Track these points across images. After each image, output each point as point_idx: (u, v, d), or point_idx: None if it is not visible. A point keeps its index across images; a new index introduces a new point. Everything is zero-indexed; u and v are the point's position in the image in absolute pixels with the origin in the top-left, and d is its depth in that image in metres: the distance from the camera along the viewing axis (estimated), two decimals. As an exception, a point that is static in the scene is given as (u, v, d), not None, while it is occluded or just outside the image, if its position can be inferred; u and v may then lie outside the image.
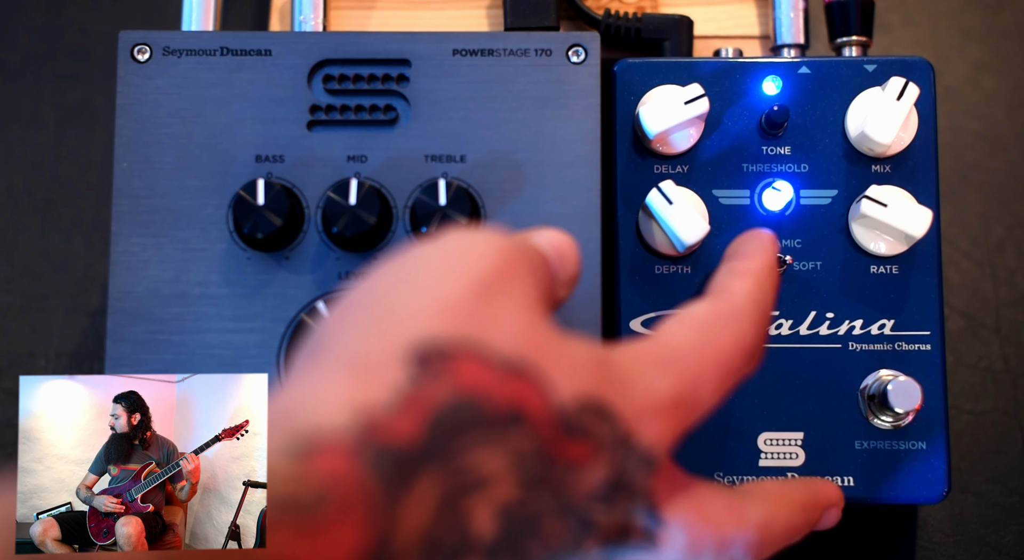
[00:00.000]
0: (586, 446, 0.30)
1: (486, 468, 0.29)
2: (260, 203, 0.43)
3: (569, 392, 0.30)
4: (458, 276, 0.31)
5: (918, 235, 0.44)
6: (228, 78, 0.45)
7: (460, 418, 0.28)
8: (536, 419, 0.30)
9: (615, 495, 0.31)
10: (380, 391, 0.28)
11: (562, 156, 0.45)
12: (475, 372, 0.29)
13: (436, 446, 0.28)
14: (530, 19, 0.49)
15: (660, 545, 0.33)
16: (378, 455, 0.27)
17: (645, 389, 0.32)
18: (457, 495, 0.28)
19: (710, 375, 0.33)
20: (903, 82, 0.45)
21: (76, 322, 0.55)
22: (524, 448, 0.29)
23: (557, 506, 0.30)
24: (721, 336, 0.34)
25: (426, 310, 0.30)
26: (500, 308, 0.31)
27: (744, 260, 0.38)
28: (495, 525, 0.29)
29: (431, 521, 0.28)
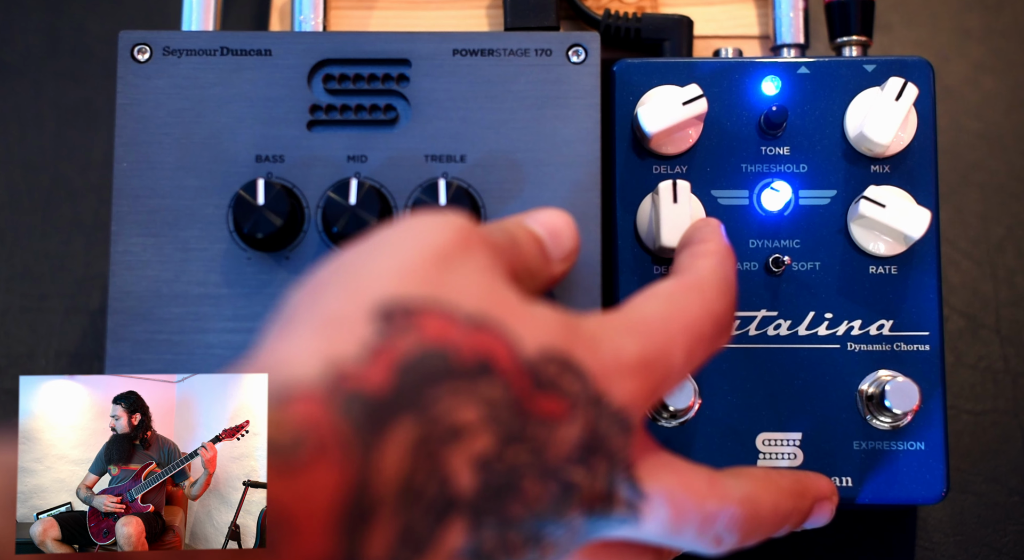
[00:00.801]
0: (558, 401, 0.31)
1: (460, 418, 0.29)
2: (260, 203, 0.43)
3: (534, 344, 0.31)
4: (418, 247, 0.32)
5: (916, 235, 0.44)
6: (228, 78, 0.45)
7: (428, 367, 0.29)
8: (504, 370, 0.30)
9: (592, 458, 0.32)
10: (348, 345, 0.29)
11: (562, 156, 0.45)
12: (439, 326, 0.30)
13: (406, 394, 0.29)
14: (530, 19, 0.49)
15: (642, 517, 0.33)
16: (349, 401, 0.28)
17: (612, 349, 0.33)
18: (433, 443, 0.29)
19: (679, 340, 0.34)
20: (902, 82, 0.45)
21: (76, 322, 0.55)
22: (496, 398, 0.30)
23: (536, 465, 0.30)
24: (688, 304, 0.35)
25: (388, 274, 0.31)
26: (459, 273, 0.32)
27: (702, 243, 0.39)
28: (475, 478, 0.29)
29: (408, 468, 0.28)
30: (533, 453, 0.30)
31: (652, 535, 0.34)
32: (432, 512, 0.29)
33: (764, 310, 0.46)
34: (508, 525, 0.30)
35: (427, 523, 0.29)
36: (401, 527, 0.29)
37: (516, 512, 0.30)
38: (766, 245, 0.46)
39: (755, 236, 0.46)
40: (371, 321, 0.30)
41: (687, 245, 0.39)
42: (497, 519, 0.30)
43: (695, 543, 0.35)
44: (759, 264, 0.46)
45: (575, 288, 0.44)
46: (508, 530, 0.30)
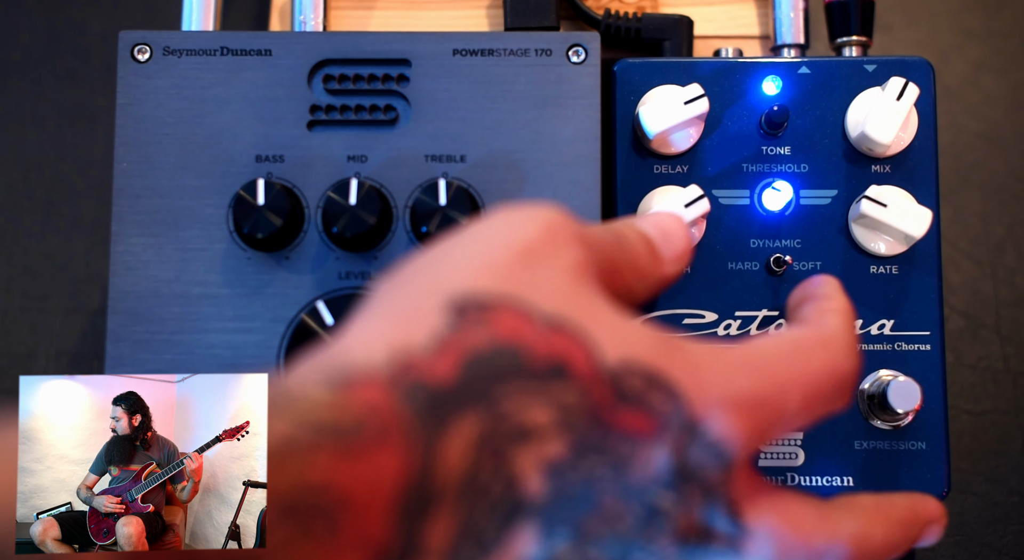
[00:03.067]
0: (644, 419, 0.30)
1: (530, 418, 0.29)
2: (260, 203, 0.43)
3: (616, 354, 0.30)
4: (503, 242, 0.32)
5: (918, 235, 0.44)
6: (228, 78, 0.45)
7: (498, 364, 0.29)
8: (581, 375, 0.30)
9: (684, 486, 0.30)
10: (418, 335, 0.29)
11: (562, 156, 0.45)
12: (514, 323, 0.30)
13: (472, 388, 0.29)
14: (530, 19, 0.49)
15: (744, 553, 0.32)
16: (413, 390, 0.28)
17: (720, 380, 0.31)
18: (499, 441, 0.28)
19: (796, 390, 0.32)
20: (903, 82, 0.45)
21: (76, 322, 0.55)
22: (570, 403, 0.29)
23: (616, 481, 0.30)
24: (813, 357, 0.33)
25: (467, 269, 0.31)
26: (542, 272, 0.31)
27: (828, 299, 0.37)
28: (544, 483, 0.29)
29: (473, 463, 0.28)
30: (613, 468, 0.30)
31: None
32: (498, 512, 0.29)
33: (765, 310, 0.46)
34: (587, 540, 0.30)
35: (493, 523, 0.29)
36: (463, 522, 0.28)
37: (595, 528, 0.30)
38: (767, 245, 0.46)
39: (756, 236, 0.46)
40: (443, 313, 0.30)
41: (810, 299, 0.38)
42: (572, 531, 0.29)
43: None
44: (760, 264, 0.46)
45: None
46: (588, 545, 0.30)
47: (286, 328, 0.44)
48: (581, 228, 0.33)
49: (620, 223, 0.36)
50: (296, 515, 0.26)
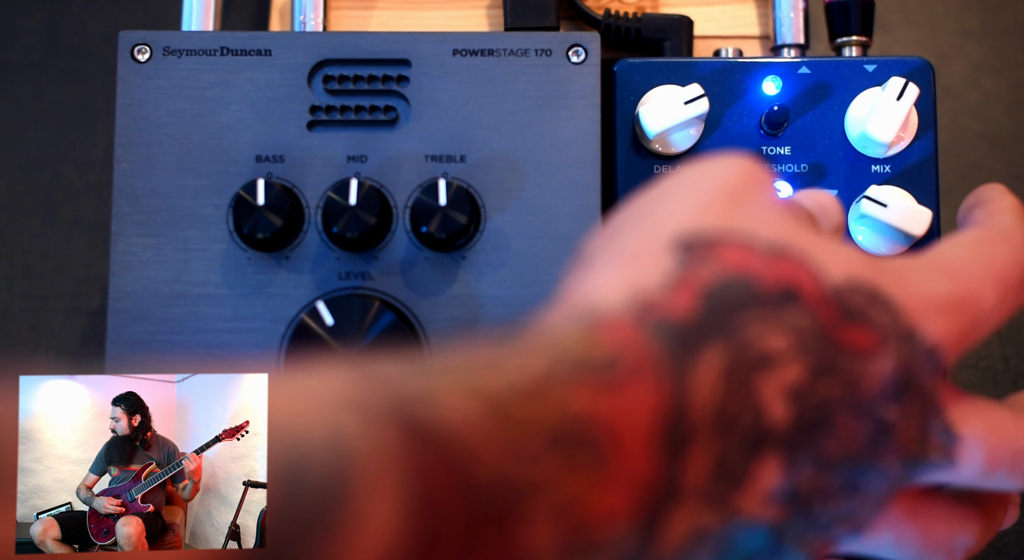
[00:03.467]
0: (868, 334, 0.31)
1: (769, 345, 0.29)
2: (260, 203, 0.43)
3: (839, 273, 0.31)
4: (709, 185, 0.33)
5: (918, 234, 0.44)
6: (228, 78, 0.45)
7: (732, 295, 0.30)
8: (810, 298, 0.30)
9: (906, 396, 0.31)
10: (652, 275, 0.30)
11: (562, 156, 0.45)
12: (740, 254, 0.30)
13: (713, 320, 0.29)
14: (530, 19, 0.49)
15: (958, 462, 0.32)
16: (658, 327, 0.29)
17: (923, 286, 0.32)
18: (744, 370, 0.29)
19: (989, 285, 0.33)
20: (903, 82, 0.45)
21: (76, 322, 0.55)
22: (804, 326, 0.30)
23: (849, 400, 0.30)
24: (996, 251, 0.34)
25: (684, 211, 0.32)
26: (754, 207, 0.32)
27: (995, 201, 0.38)
28: (788, 410, 0.29)
29: (722, 395, 0.28)
30: (845, 386, 0.30)
31: (964, 479, 0.33)
32: (747, 444, 0.29)
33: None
34: (824, 467, 0.30)
35: (741, 455, 0.29)
36: (717, 456, 0.28)
37: (831, 451, 0.30)
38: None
39: (755, 236, 0.46)
40: (672, 252, 0.30)
41: (978, 204, 0.39)
42: (812, 457, 0.30)
43: (1006, 482, 0.34)
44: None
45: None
46: (824, 473, 0.30)
47: (286, 328, 0.44)
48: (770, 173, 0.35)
49: None
50: (563, 445, 0.27)
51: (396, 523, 0.24)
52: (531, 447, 0.26)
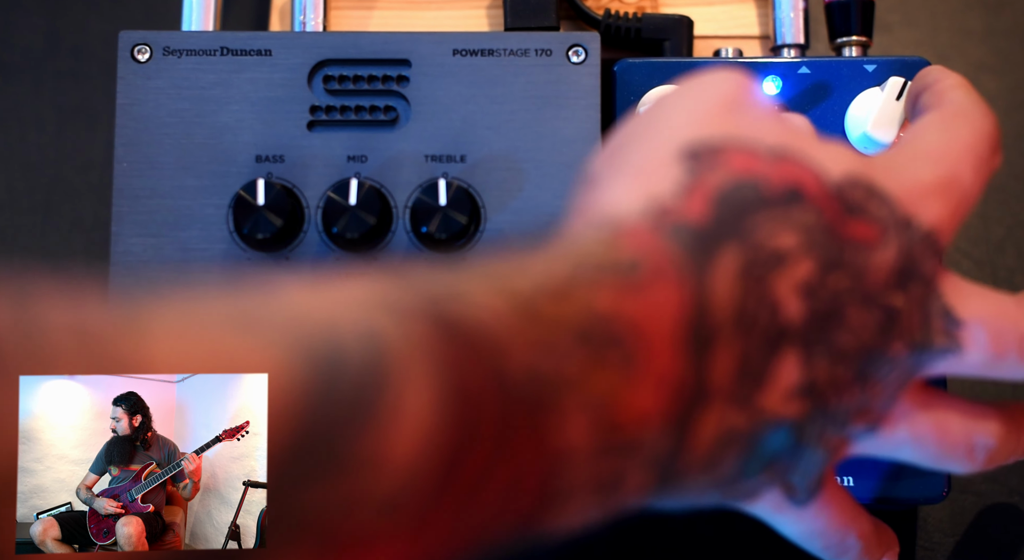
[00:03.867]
0: (869, 226, 0.32)
1: (781, 243, 0.30)
2: (260, 203, 0.43)
3: (839, 171, 0.32)
4: (705, 98, 0.34)
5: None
6: (228, 78, 0.45)
7: (742, 197, 0.31)
8: (814, 195, 0.31)
9: (909, 283, 0.32)
10: (664, 184, 0.31)
11: (562, 156, 0.45)
12: (745, 159, 0.32)
13: (726, 222, 0.30)
14: (530, 19, 0.49)
15: (963, 347, 0.33)
16: (676, 230, 0.30)
17: (911, 175, 0.34)
18: (759, 268, 0.30)
19: (965, 162, 0.35)
20: (902, 82, 0.45)
21: (76, 322, 0.55)
22: (811, 224, 0.31)
23: (856, 291, 0.31)
24: (960, 130, 0.36)
25: (685, 122, 0.33)
26: (750, 115, 0.34)
27: (939, 81, 0.39)
28: (802, 306, 0.30)
29: (740, 293, 0.29)
30: (853, 278, 0.31)
31: (974, 367, 0.34)
32: (767, 341, 0.30)
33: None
34: (837, 358, 0.31)
35: (763, 353, 0.30)
36: (740, 356, 0.29)
37: (844, 342, 0.31)
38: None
39: (755, 236, 0.46)
40: (680, 162, 0.32)
41: (924, 88, 0.40)
42: (826, 350, 0.31)
43: (1016, 370, 0.34)
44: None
45: None
46: (838, 364, 0.31)
47: (286, 328, 0.44)
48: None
49: None
50: (590, 342, 0.27)
51: (432, 410, 0.25)
52: (560, 343, 0.27)
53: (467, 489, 0.26)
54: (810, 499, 0.33)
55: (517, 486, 0.27)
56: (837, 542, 0.35)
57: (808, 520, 0.34)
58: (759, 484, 0.32)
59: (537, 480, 0.27)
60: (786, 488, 0.33)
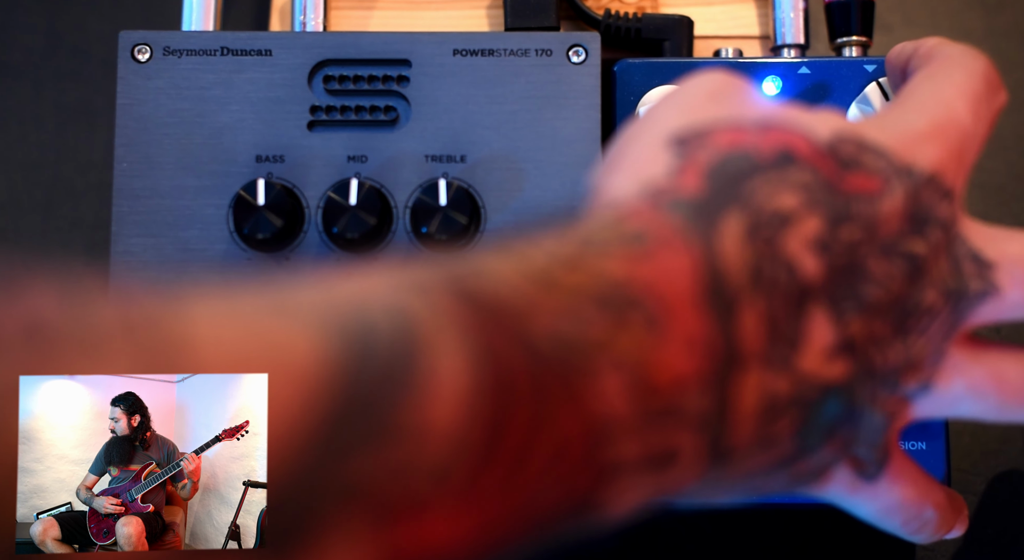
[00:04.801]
0: (869, 178, 0.32)
1: (782, 204, 0.31)
2: (260, 203, 0.43)
3: (826, 130, 0.33)
4: (692, 92, 0.35)
5: None
6: (228, 78, 0.45)
7: (734, 167, 0.31)
8: (806, 155, 0.32)
9: (925, 228, 0.32)
10: (655, 168, 0.32)
11: (562, 156, 0.45)
12: (731, 134, 0.33)
13: (723, 191, 0.31)
14: (530, 19, 0.49)
15: (1001, 288, 0.33)
16: (675, 205, 0.31)
17: (901, 125, 0.34)
18: (765, 229, 0.30)
19: (959, 103, 0.35)
20: (875, 86, 0.45)
21: (76, 322, 0.55)
22: (808, 182, 0.31)
23: (873, 242, 0.31)
24: (950, 75, 0.36)
25: (674, 115, 0.34)
26: (734, 100, 0.35)
27: (922, 44, 0.39)
28: (818, 261, 0.30)
29: (752, 256, 0.30)
30: (866, 229, 0.31)
31: (1018, 306, 0.33)
32: (790, 301, 0.30)
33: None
34: (871, 312, 0.31)
35: (788, 313, 0.30)
36: (766, 317, 0.30)
37: (873, 294, 0.31)
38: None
39: (755, 236, 0.46)
40: (669, 148, 0.33)
41: (910, 56, 0.40)
42: (856, 304, 0.31)
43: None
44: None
45: None
46: (873, 319, 0.31)
47: (286, 328, 0.44)
48: None
49: None
50: (610, 306, 0.28)
51: (466, 374, 0.26)
52: (580, 309, 0.28)
53: (513, 455, 0.26)
54: (880, 471, 0.33)
55: (563, 454, 0.27)
56: (915, 515, 0.35)
57: (883, 496, 0.34)
58: (825, 461, 0.32)
59: (583, 448, 0.27)
60: (854, 463, 0.33)
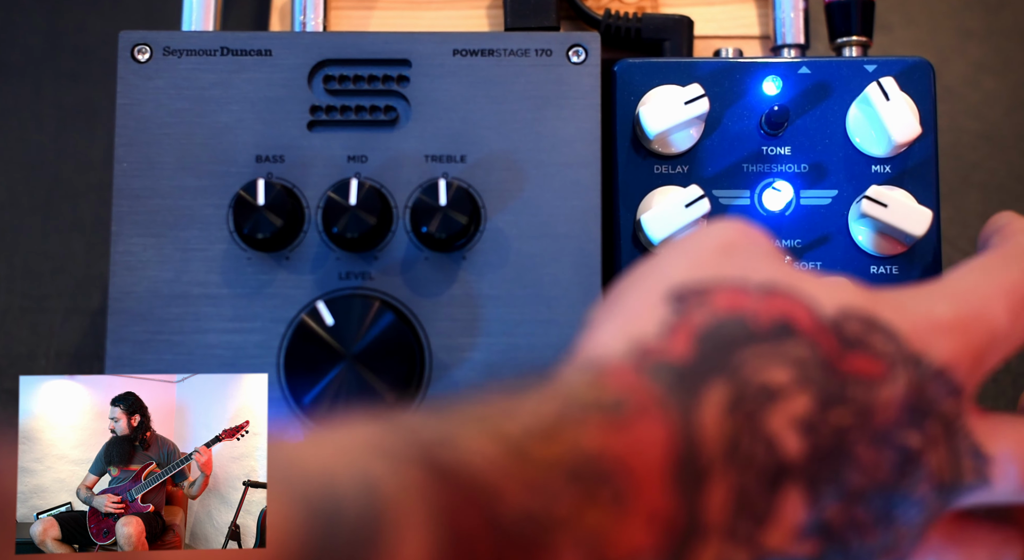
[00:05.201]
0: (872, 361, 0.31)
1: (772, 378, 0.30)
2: (260, 203, 0.43)
3: (832, 303, 0.31)
4: (703, 243, 0.34)
5: (918, 234, 0.44)
6: (228, 78, 0.45)
7: (728, 334, 0.30)
8: (806, 329, 0.31)
9: (925, 422, 0.31)
10: (648, 325, 0.31)
11: (562, 156, 0.45)
12: (732, 297, 0.31)
13: (711, 359, 0.30)
14: (530, 19, 0.49)
15: (993, 482, 0.33)
16: (656, 369, 0.30)
17: (923, 311, 0.32)
18: (749, 404, 0.29)
19: (998, 302, 0.33)
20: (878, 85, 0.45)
21: (76, 322, 0.55)
22: (804, 358, 0.30)
23: (864, 428, 0.30)
24: (1006, 269, 0.34)
25: (678, 267, 0.33)
26: (744, 257, 0.33)
27: (1011, 225, 0.38)
28: (801, 442, 0.29)
29: (731, 429, 0.29)
30: (858, 415, 0.30)
31: (1001, 496, 0.33)
32: (765, 477, 0.29)
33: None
34: (852, 498, 0.30)
35: (761, 490, 0.29)
36: (736, 491, 0.29)
37: (856, 482, 0.30)
38: (766, 245, 0.46)
39: (755, 236, 0.46)
40: (666, 304, 0.32)
41: (995, 231, 0.39)
42: (837, 489, 0.30)
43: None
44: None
45: (575, 288, 0.44)
46: (854, 504, 0.30)
47: (286, 328, 0.44)
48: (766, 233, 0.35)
49: None
50: (580, 480, 0.27)
51: (429, 556, 0.25)
52: (551, 484, 0.27)
53: None
54: None
55: None
56: None
57: None
58: None
59: None
60: None
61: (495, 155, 0.45)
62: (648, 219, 0.44)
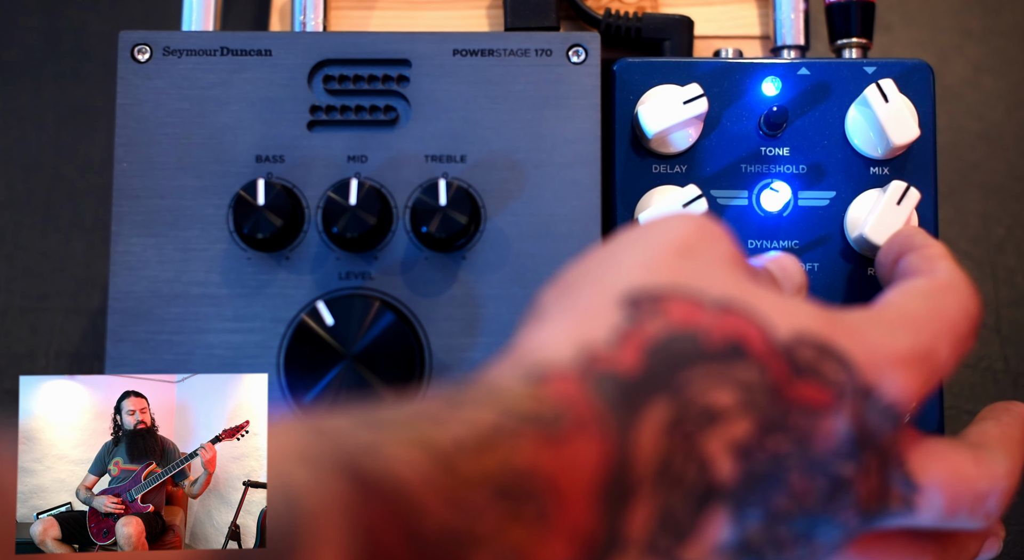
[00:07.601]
0: (821, 390, 0.31)
1: (715, 400, 0.29)
2: (260, 203, 0.43)
3: (787, 328, 0.31)
4: (661, 241, 0.33)
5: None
6: (228, 78, 0.45)
7: (678, 349, 0.30)
8: (758, 353, 0.30)
9: (863, 453, 0.31)
10: (599, 331, 0.30)
11: (562, 156, 0.45)
12: (686, 310, 0.31)
13: (658, 375, 0.29)
14: (530, 19, 0.49)
15: (917, 510, 0.32)
16: (602, 381, 0.29)
17: (882, 341, 0.32)
18: (688, 425, 0.29)
19: (945, 338, 0.33)
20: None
21: (76, 322, 0.55)
22: (752, 382, 0.30)
23: (801, 457, 0.30)
24: (948, 303, 0.34)
25: (633, 268, 0.32)
26: (702, 262, 0.32)
27: (926, 247, 0.38)
28: (735, 466, 0.29)
29: (666, 449, 0.29)
30: (796, 443, 0.30)
31: (924, 522, 0.33)
32: (692, 498, 0.29)
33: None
34: (776, 520, 0.30)
35: (687, 509, 0.29)
36: (661, 510, 0.29)
37: (784, 506, 0.30)
38: (765, 246, 0.46)
39: (754, 236, 0.46)
40: (619, 308, 0.31)
41: (909, 249, 0.39)
42: (763, 512, 0.30)
43: (966, 523, 0.34)
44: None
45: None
46: (777, 525, 0.30)
47: (286, 328, 0.44)
48: (724, 228, 0.34)
49: None
50: (507, 497, 0.27)
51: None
52: (475, 501, 0.27)
53: None
54: None
55: None
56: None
57: None
58: None
59: None
60: None
61: (495, 155, 0.45)
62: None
